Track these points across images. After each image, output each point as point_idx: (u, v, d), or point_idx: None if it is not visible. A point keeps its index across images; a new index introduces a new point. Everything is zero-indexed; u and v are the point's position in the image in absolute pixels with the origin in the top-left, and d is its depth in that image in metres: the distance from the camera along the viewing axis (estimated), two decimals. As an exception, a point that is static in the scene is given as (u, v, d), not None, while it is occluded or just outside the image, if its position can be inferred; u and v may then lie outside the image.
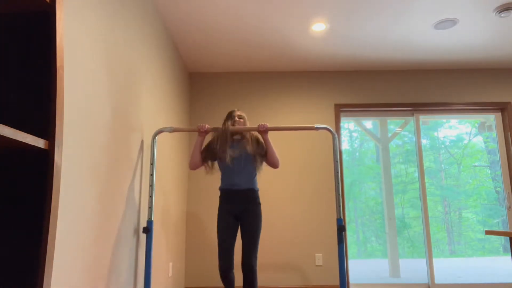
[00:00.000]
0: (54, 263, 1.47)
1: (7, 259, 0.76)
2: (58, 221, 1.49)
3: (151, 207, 2.64)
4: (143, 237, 2.63)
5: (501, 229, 4.97)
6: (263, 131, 2.69)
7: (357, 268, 7.16)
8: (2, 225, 0.78)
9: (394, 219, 4.72)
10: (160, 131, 2.77)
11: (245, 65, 4.32)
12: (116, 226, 2.13)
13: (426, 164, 5.53)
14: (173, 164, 3.55)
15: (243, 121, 2.79)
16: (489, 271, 6.61)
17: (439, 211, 10.44)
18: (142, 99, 2.65)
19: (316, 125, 2.78)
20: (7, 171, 0.80)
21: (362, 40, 3.73)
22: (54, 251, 0.78)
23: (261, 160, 2.74)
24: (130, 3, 2.42)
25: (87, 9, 1.80)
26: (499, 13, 3.20)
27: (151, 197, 2.65)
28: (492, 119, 4.54)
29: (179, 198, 3.81)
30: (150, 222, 2.60)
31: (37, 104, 0.81)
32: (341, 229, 2.57)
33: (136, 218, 2.50)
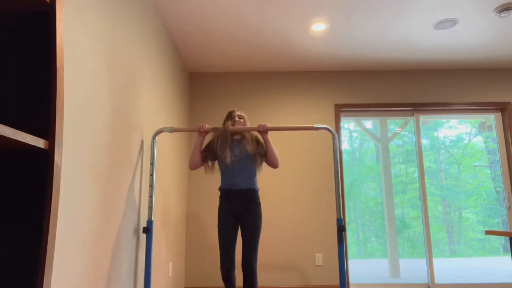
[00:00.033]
0: (54, 263, 1.47)
1: (7, 259, 0.76)
2: (58, 221, 1.49)
3: (151, 207, 2.64)
4: (143, 237, 2.63)
5: (501, 229, 4.97)
6: (263, 131, 2.69)
7: (357, 268, 7.16)
8: (2, 225, 0.78)
9: (394, 219, 4.72)
10: (160, 131, 2.77)
11: (245, 65, 4.32)
12: (116, 226, 2.13)
13: (426, 164, 5.53)
14: (173, 164, 3.55)
15: (243, 121, 2.79)
16: (489, 271, 6.61)
17: (439, 211, 10.44)
18: (142, 99, 2.65)
19: (316, 125, 2.78)
20: (7, 171, 0.80)
21: (362, 40, 3.73)
22: (54, 251, 0.78)
23: (261, 160, 2.74)
24: (130, 3, 2.42)
25: (87, 9, 1.80)
26: (499, 13, 3.20)
27: (151, 197, 2.65)
28: (492, 119, 4.54)
29: (179, 198, 3.80)
30: (150, 222, 2.60)
31: (37, 104, 0.81)
32: (341, 229, 2.57)
33: (136, 218, 2.50)
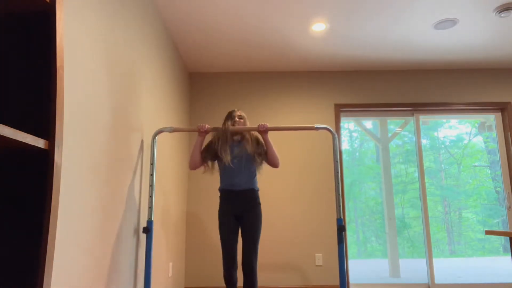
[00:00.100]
0: (54, 263, 1.46)
1: (7, 259, 0.76)
2: (58, 221, 1.49)
3: (151, 207, 2.64)
4: (143, 237, 2.63)
5: (501, 229, 4.97)
6: (263, 131, 2.69)
7: (357, 268, 7.16)
8: (2, 225, 0.78)
9: (394, 219, 4.72)
10: (160, 131, 2.77)
11: (245, 65, 4.32)
12: (116, 226, 2.13)
13: (426, 164, 5.53)
14: (173, 164, 3.55)
15: (243, 121, 2.79)
16: (489, 271, 6.61)
17: (439, 211, 10.44)
18: (142, 99, 2.65)
19: (316, 125, 2.78)
20: (7, 171, 0.80)
21: (362, 40, 3.73)
22: (54, 251, 0.78)
23: (261, 160, 2.74)
24: (130, 3, 2.42)
25: (87, 9, 1.80)
26: (499, 13, 3.20)
27: (151, 197, 2.65)
28: (492, 119, 4.54)
29: (179, 198, 3.80)
30: (150, 222, 2.60)
31: (37, 104, 0.81)
32: (341, 229, 2.57)
33: (136, 218, 2.50)
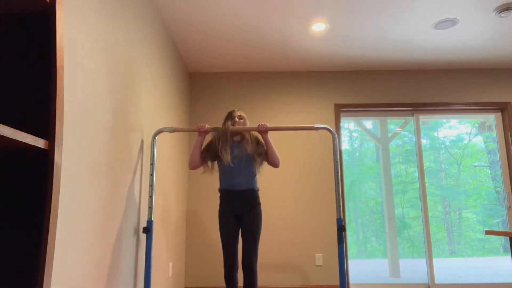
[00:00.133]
0: (54, 263, 1.46)
1: (7, 259, 0.76)
2: (58, 221, 1.49)
3: (151, 207, 2.64)
4: (143, 237, 2.63)
5: (501, 229, 4.97)
6: (263, 131, 2.69)
7: (357, 268, 7.16)
8: (2, 225, 0.78)
9: (394, 219, 4.72)
10: (160, 131, 2.77)
11: (245, 65, 4.32)
12: (116, 226, 2.13)
13: (426, 164, 5.53)
14: (173, 164, 3.55)
15: (243, 122, 2.79)
16: (489, 271, 6.61)
17: (439, 211, 10.44)
18: (142, 99, 2.65)
19: (316, 125, 2.78)
20: (7, 171, 0.80)
21: (362, 40, 3.73)
22: (54, 251, 0.78)
23: (261, 160, 2.74)
24: (130, 3, 2.42)
25: (87, 9, 1.80)
26: (499, 13, 3.20)
27: (151, 197, 2.65)
28: (492, 119, 4.54)
29: (179, 198, 3.80)
30: (150, 222, 2.60)
31: (37, 104, 0.81)
32: (341, 229, 2.57)
33: (136, 218, 2.50)
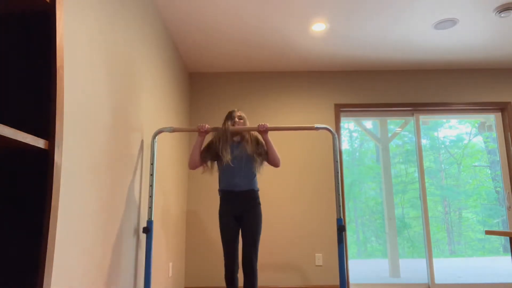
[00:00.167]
0: (54, 263, 1.46)
1: (7, 259, 0.76)
2: (58, 221, 1.49)
3: (151, 207, 2.64)
4: (143, 237, 2.63)
5: (501, 229, 4.97)
6: (263, 131, 2.69)
7: (357, 268, 7.16)
8: (2, 225, 0.78)
9: (394, 219, 4.72)
10: (160, 131, 2.77)
11: (245, 65, 4.32)
12: (116, 226, 2.13)
13: (426, 164, 5.53)
14: (173, 164, 3.55)
15: (243, 122, 2.79)
16: (489, 271, 6.61)
17: (439, 211, 10.44)
18: (142, 99, 2.65)
19: (316, 125, 2.78)
20: (7, 171, 0.80)
21: (362, 40, 3.73)
22: (54, 251, 0.78)
23: (261, 160, 2.74)
24: (130, 3, 2.42)
25: (87, 9, 1.80)
26: (499, 13, 3.20)
27: (151, 197, 2.65)
28: (492, 119, 4.54)
29: (179, 198, 3.80)
30: (150, 222, 2.60)
31: (37, 104, 0.81)
32: (341, 229, 2.57)
33: (136, 218, 2.50)
